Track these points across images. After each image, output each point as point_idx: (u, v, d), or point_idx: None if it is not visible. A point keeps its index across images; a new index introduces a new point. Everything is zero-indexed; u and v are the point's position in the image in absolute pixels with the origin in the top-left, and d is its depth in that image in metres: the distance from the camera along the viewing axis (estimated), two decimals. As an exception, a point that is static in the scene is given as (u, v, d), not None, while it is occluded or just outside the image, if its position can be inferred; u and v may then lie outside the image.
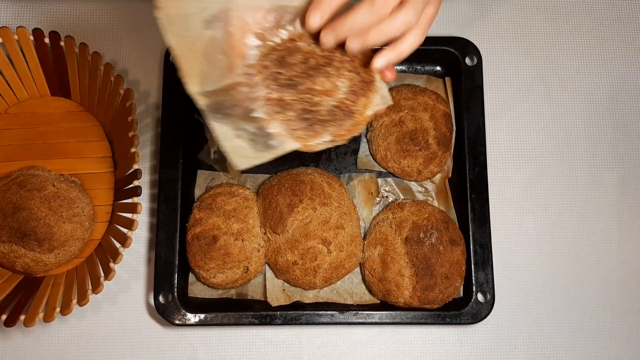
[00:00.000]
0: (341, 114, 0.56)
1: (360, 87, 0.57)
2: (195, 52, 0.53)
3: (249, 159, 0.56)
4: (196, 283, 0.80)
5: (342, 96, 0.57)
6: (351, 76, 0.57)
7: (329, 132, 0.56)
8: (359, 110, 0.57)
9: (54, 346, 0.80)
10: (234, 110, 0.55)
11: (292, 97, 0.55)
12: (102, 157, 0.83)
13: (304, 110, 0.55)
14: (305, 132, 0.55)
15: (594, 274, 0.84)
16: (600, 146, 0.88)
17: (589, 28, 0.92)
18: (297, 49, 0.55)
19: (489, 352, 0.82)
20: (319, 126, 0.56)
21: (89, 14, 0.88)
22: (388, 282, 0.77)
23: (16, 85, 0.82)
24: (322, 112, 0.56)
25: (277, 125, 0.55)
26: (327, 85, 0.56)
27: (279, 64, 0.55)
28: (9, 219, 0.75)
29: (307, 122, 0.55)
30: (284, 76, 0.55)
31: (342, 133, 0.57)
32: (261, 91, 0.54)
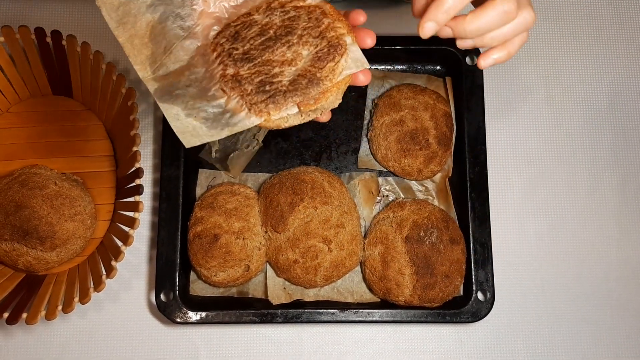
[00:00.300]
0: (305, 82, 0.53)
1: (326, 52, 0.53)
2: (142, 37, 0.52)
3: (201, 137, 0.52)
4: (197, 281, 0.80)
5: (306, 64, 0.53)
6: (316, 42, 0.53)
7: (293, 102, 0.52)
8: (327, 77, 0.53)
9: (56, 344, 0.80)
10: (188, 90, 0.53)
11: (249, 71, 0.53)
12: (104, 155, 0.83)
13: (263, 82, 0.52)
14: (266, 105, 0.52)
15: (593, 274, 0.85)
16: (600, 148, 0.88)
17: (590, 30, 0.92)
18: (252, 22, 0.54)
19: (489, 350, 0.82)
20: (280, 97, 0.52)
21: (91, 13, 0.88)
22: (388, 281, 0.77)
23: (18, 84, 0.82)
24: (284, 83, 0.53)
25: (234, 102, 0.52)
26: (288, 55, 0.53)
27: (233, 40, 0.53)
28: (11, 218, 0.75)
29: (266, 94, 0.52)
30: (239, 51, 0.53)
31: (309, 103, 0.53)
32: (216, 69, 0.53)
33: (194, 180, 0.83)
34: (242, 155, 0.83)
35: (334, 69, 0.53)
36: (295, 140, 0.85)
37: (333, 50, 0.53)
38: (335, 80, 0.53)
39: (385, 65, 0.87)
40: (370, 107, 0.86)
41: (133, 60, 0.52)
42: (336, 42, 0.53)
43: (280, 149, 0.85)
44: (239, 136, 0.83)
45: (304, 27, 0.54)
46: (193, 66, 0.53)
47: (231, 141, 0.83)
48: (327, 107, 0.54)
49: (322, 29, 0.54)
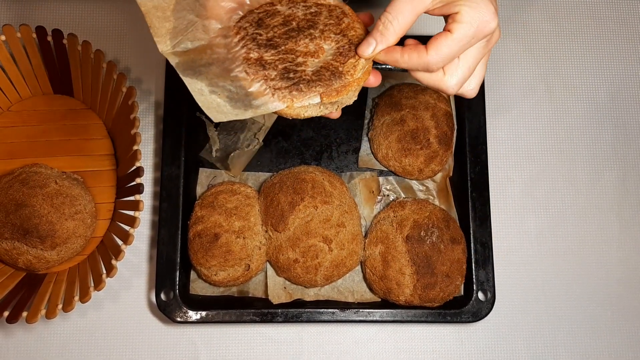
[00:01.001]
0: (328, 74, 0.54)
1: (348, 49, 0.55)
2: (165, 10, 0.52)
3: (226, 114, 0.53)
4: (197, 281, 0.80)
5: (328, 57, 0.55)
6: (337, 38, 0.55)
7: (316, 91, 0.53)
8: (349, 72, 0.55)
9: (56, 343, 0.80)
10: (210, 69, 0.53)
11: (273, 57, 0.53)
12: (105, 154, 0.83)
13: (287, 70, 0.53)
14: (290, 92, 0.53)
15: (594, 273, 0.84)
16: (601, 145, 0.88)
17: (591, 27, 0.92)
18: (276, 12, 0.54)
19: (490, 350, 0.82)
20: (304, 85, 0.53)
21: (92, 12, 0.88)
22: (389, 281, 0.77)
23: (19, 82, 0.82)
24: (307, 72, 0.54)
25: (258, 85, 0.53)
26: (310, 47, 0.54)
27: (257, 26, 0.53)
28: (12, 216, 0.75)
29: (291, 81, 0.53)
30: (263, 37, 0.53)
31: (331, 94, 0.54)
32: (240, 52, 0.53)
33: (194, 179, 0.82)
34: (242, 155, 0.83)
35: (355, 65, 0.55)
36: (295, 139, 0.85)
37: (354, 47, 0.55)
38: (356, 76, 0.55)
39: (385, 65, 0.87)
40: (370, 107, 0.86)
41: (154, 31, 0.52)
42: (357, 41, 0.55)
43: (280, 148, 0.85)
44: (240, 135, 0.83)
45: (326, 23, 0.55)
46: (215, 46, 0.53)
47: (232, 140, 0.83)
48: (344, 102, 0.56)
49: (343, 27, 0.56)
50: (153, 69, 0.86)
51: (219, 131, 0.84)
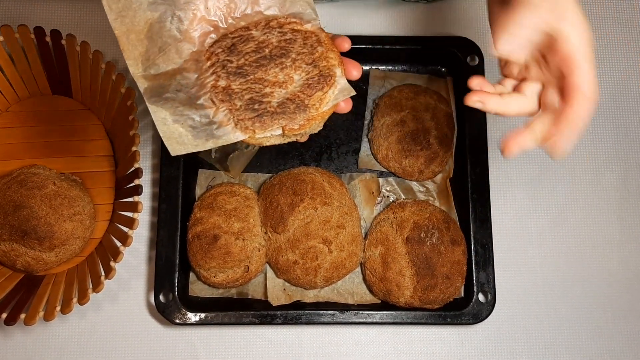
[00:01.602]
0: (293, 107, 0.54)
1: (317, 81, 0.55)
2: (139, 34, 0.52)
3: (186, 146, 0.53)
4: (197, 282, 0.80)
5: (296, 89, 0.54)
6: (308, 69, 0.55)
7: (279, 124, 0.54)
8: (314, 105, 0.55)
9: (54, 345, 0.80)
10: (178, 95, 0.53)
11: (240, 86, 0.53)
12: (103, 155, 0.83)
13: (252, 100, 0.53)
14: (253, 123, 0.53)
15: (595, 274, 0.84)
16: (602, 146, 0.88)
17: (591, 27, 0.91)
18: (250, 37, 0.54)
19: (490, 352, 0.82)
20: (267, 118, 0.53)
21: (91, 13, 0.88)
22: (389, 282, 0.77)
23: (17, 83, 0.82)
24: (273, 104, 0.54)
25: (222, 114, 0.53)
26: (280, 77, 0.54)
27: (229, 52, 0.53)
28: (10, 217, 0.75)
29: (255, 112, 0.53)
30: (233, 64, 0.53)
31: (294, 127, 0.54)
32: (208, 78, 0.53)
33: (193, 181, 0.82)
34: (242, 156, 0.83)
35: (322, 99, 0.55)
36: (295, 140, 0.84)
37: (323, 80, 0.55)
38: (321, 110, 0.55)
39: (386, 66, 0.87)
40: (370, 108, 0.86)
41: (126, 55, 0.52)
42: (327, 72, 0.55)
43: (280, 150, 0.84)
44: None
45: (299, 52, 0.55)
46: (185, 70, 0.53)
47: (231, 141, 0.83)
48: (308, 132, 0.56)
49: (316, 56, 0.55)
50: (152, 70, 0.86)
51: (218, 132, 0.83)
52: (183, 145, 0.53)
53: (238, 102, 0.53)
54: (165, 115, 0.53)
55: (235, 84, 0.53)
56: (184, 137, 0.53)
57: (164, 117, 0.53)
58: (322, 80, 0.55)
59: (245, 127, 0.53)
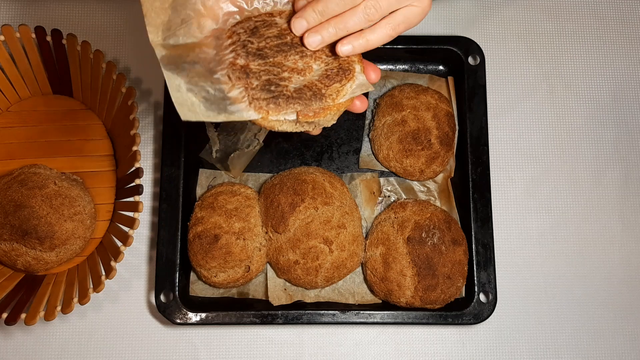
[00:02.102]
0: (310, 93, 0.54)
1: (336, 73, 0.55)
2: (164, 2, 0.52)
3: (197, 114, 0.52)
4: (197, 282, 0.80)
5: (314, 78, 0.55)
6: (328, 60, 0.55)
7: (294, 109, 0.53)
8: (331, 95, 0.55)
9: (55, 345, 0.80)
10: (194, 67, 0.53)
11: (258, 67, 0.53)
12: (104, 155, 0.83)
13: (269, 82, 0.53)
14: (267, 104, 0.53)
15: (596, 274, 0.84)
16: (603, 145, 0.88)
17: (593, 27, 0.91)
18: (273, 23, 0.54)
19: (491, 352, 0.82)
20: (283, 100, 0.53)
21: (91, 12, 0.88)
22: (390, 282, 0.76)
23: (18, 83, 0.82)
24: (290, 88, 0.54)
25: (237, 91, 0.53)
26: (299, 64, 0.54)
27: (251, 33, 0.54)
28: (11, 217, 0.75)
29: (270, 93, 0.53)
30: (254, 45, 0.53)
31: (309, 114, 0.54)
32: (227, 55, 0.53)
33: (194, 180, 0.82)
34: (242, 155, 0.82)
35: (339, 90, 0.55)
36: (296, 140, 0.84)
37: (342, 73, 0.55)
38: (337, 101, 0.55)
39: (387, 65, 0.87)
40: (371, 107, 0.86)
41: (148, 21, 0.52)
42: (347, 66, 0.56)
43: (281, 149, 0.84)
44: (240, 136, 0.83)
45: None
46: (205, 46, 0.53)
47: (232, 141, 0.83)
48: (322, 123, 0.56)
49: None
50: (153, 69, 0.86)
51: (219, 132, 0.83)
52: (194, 113, 0.52)
53: (255, 81, 0.53)
54: (179, 82, 0.52)
55: (253, 64, 0.53)
56: (196, 106, 0.52)
57: (178, 84, 0.52)
58: (341, 72, 0.55)
59: (259, 107, 0.53)
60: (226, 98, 0.53)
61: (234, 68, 0.53)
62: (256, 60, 0.54)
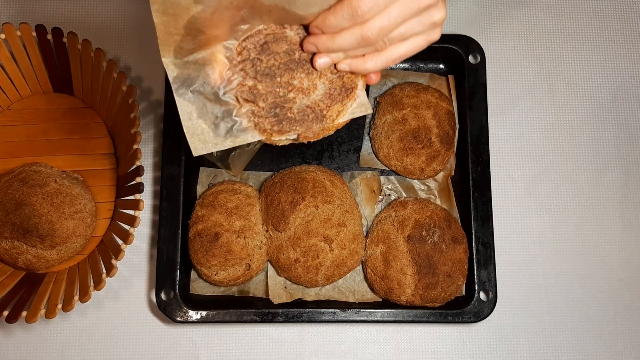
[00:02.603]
0: (312, 116, 0.56)
1: (338, 92, 0.56)
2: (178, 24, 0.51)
3: (206, 145, 0.54)
4: (198, 280, 0.80)
5: (317, 97, 0.56)
6: (332, 78, 0.56)
7: (296, 131, 0.55)
8: (331, 117, 0.56)
9: (56, 343, 0.80)
10: (204, 88, 0.53)
11: (266, 88, 0.54)
12: (105, 153, 0.83)
13: (275, 104, 0.54)
14: (272, 127, 0.55)
15: (596, 273, 0.84)
16: (604, 145, 0.88)
17: (593, 26, 0.91)
18: (283, 37, 0.54)
19: (491, 350, 0.82)
20: (286, 123, 0.55)
21: (92, 11, 0.88)
22: (390, 280, 0.77)
23: (19, 81, 0.82)
24: (293, 110, 0.55)
25: (244, 113, 0.54)
26: (305, 83, 0.55)
27: (261, 50, 0.54)
28: (11, 215, 0.75)
29: (276, 117, 0.55)
30: (263, 64, 0.54)
31: (309, 136, 0.56)
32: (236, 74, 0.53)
33: (194, 179, 0.82)
34: (243, 154, 0.82)
35: (340, 111, 0.56)
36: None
37: (345, 92, 0.56)
38: (337, 122, 0.57)
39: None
40: (372, 106, 0.86)
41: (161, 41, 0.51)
42: (350, 84, 0.56)
43: (281, 148, 0.84)
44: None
45: None
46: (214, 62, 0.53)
47: (232, 139, 0.83)
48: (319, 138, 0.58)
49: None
50: (154, 68, 0.86)
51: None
52: (204, 143, 0.54)
53: (262, 103, 0.54)
54: (191, 109, 0.54)
55: (261, 85, 0.54)
56: (205, 134, 0.54)
57: (190, 111, 0.54)
58: (344, 92, 0.56)
59: (264, 130, 0.54)
60: (233, 120, 0.54)
61: (241, 89, 0.54)
62: (264, 80, 0.54)
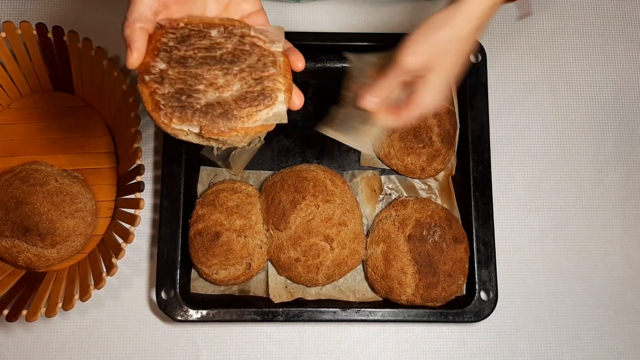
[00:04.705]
0: (219, 111, 0.53)
1: (254, 97, 0.54)
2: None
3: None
4: (198, 279, 0.80)
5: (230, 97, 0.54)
6: (251, 83, 0.54)
7: (198, 122, 0.52)
8: (242, 118, 0.53)
9: (56, 341, 0.80)
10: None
11: (176, 74, 0.53)
12: (105, 152, 0.83)
13: (182, 91, 0.53)
14: (173, 112, 0.52)
15: (597, 273, 0.84)
16: (605, 144, 0.88)
17: (594, 25, 0.91)
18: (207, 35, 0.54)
19: (492, 350, 0.82)
20: (189, 112, 0.52)
21: (93, 9, 0.88)
22: (390, 280, 0.76)
23: (19, 80, 0.82)
24: (201, 102, 0.53)
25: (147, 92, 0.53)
26: (220, 80, 0.54)
27: (180, 40, 0.53)
28: (12, 214, 0.75)
29: (179, 102, 0.53)
30: (179, 52, 0.53)
31: (212, 130, 0.53)
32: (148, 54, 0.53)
33: (195, 178, 0.82)
34: (244, 153, 0.82)
35: (251, 115, 0.53)
36: (297, 137, 0.84)
37: (261, 98, 0.54)
38: (246, 125, 0.53)
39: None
40: (373, 105, 0.85)
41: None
42: (269, 93, 0.54)
43: (282, 147, 0.84)
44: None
45: (250, 65, 0.54)
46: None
47: (233, 138, 0.83)
48: (230, 142, 0.55)
49: (265, 75, 0.54)
50: (154, 67, 0.86)
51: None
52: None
53: (168, 87, 0.53)
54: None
55: (172, 71, 0.53)
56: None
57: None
58: (260, 98, 0.54)
59: (164, 114, 0.52)
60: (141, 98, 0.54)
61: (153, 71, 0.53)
62: (177, 68, 0.53)
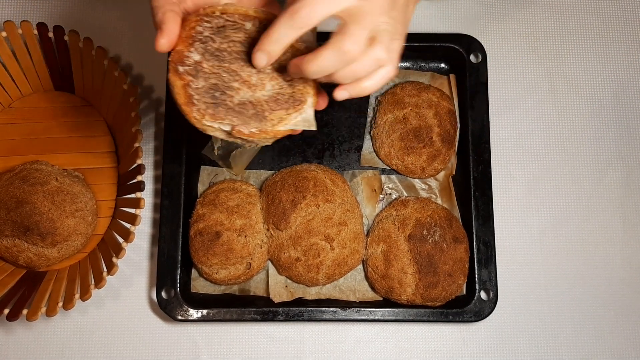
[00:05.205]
0: (251, 112, 0.52)
1: (285, 100, 0.53)
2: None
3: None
4: (199, 279, 0.80)
5: (263, 97, 0.53)
6: (283, 85, 0.53)
7: (230, 122, 0.51)
8: (272, 121, 0.53)
9: (56, 341, 0.80)
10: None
11: (211, 68, 0.52)
12: (106, 152, 0.83)
13: (216, 86, 0.51)
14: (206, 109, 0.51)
15: (597, 273, 0.84)
16: (605, 144, 0.88)
17: (594, 26, 0.91)
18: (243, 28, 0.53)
19: (492, 350, 0.82)
20: (223, 110, 0.51)
21: (94, 9, 0.88)
22: (391, 280, 0.77)
23: (20, 79, 0.82)
24: (234, 100, 0.52)
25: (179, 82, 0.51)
26: (253, 79, 0.53)
27: (216, 31, 0.52)
28: (12, 213, 0.75)
29: (213, 99, 0.51)
30: (214, 44, 0.52)
31: (244, 131, 0.52)
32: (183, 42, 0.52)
33: (195, 177, 0.82)
34: (244, 153, 0.82)
35: (282, 118, 0.53)
36: (297, 137, 0.84)
37: (292, 102, 0.54)
38: (276, 128, 0.53)
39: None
40: (373, 105, 0.86)
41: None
42: (299, 97, 0.54)
43: (282, 147, 0.84)
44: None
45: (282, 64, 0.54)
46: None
47: (233, 138, 0.83)
48: (256, 142, 0.54)
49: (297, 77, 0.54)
50: (155, 66, 0.86)
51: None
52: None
53: (202, 82, 0.51)
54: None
55: (207, 63, 0.52)
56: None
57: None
58: (291, 101, 0.53)
59: (197, 109, 0.51)
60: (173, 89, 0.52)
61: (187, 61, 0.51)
62: (211, 60, 0.52)
